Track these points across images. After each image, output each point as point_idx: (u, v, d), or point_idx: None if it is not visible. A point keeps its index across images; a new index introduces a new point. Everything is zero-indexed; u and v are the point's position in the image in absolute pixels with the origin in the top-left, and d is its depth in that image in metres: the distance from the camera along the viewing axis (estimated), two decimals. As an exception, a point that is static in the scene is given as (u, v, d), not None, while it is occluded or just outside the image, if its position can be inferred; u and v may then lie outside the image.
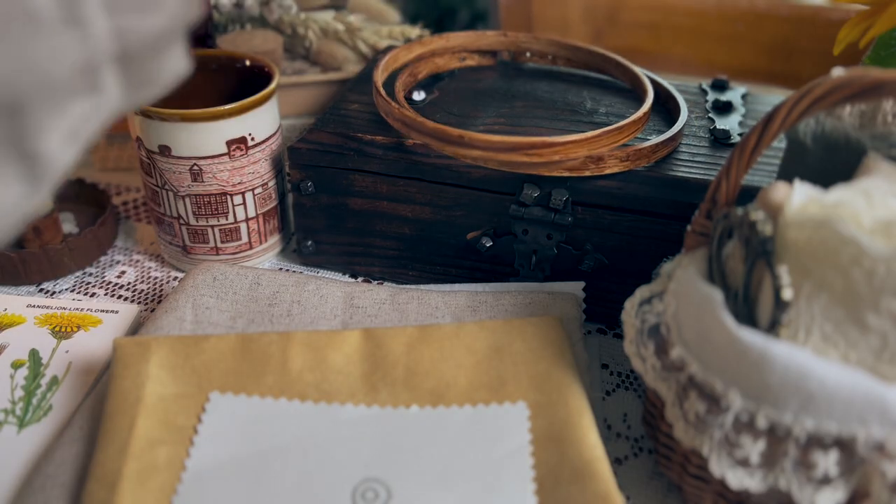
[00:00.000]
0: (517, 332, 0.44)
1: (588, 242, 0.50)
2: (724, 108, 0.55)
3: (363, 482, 0.37)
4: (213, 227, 0.54)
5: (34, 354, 0.48)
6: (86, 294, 0.55)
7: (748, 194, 0.43)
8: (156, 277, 0.57)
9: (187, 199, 0.53)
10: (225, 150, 0.51)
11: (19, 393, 0.45)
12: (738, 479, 0.33)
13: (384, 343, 0.43)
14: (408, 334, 0.44)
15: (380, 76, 0.53)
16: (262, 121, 0.52)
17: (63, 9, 0.22)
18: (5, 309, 0.51)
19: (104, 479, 0.37)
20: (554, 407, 0.40)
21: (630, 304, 0.40)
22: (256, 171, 0.53)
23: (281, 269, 0.57)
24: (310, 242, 0.56)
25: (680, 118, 0.51)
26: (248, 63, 0.57)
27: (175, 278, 0.57)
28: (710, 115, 0.55)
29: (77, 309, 0.51)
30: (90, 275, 0.57)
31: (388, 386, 0.42)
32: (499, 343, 0.43)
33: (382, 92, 0.51)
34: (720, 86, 0.58)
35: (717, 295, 0.34)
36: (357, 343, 0.44)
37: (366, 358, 0.43)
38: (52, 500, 0.37)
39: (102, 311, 0.51)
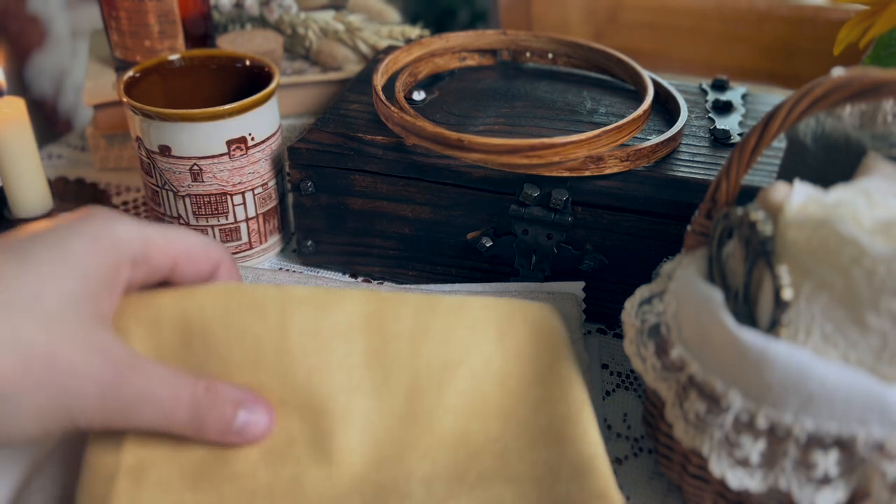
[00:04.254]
0: (520, 316, 0.42)
1: (588, 242, 0.50)
2: (724, 108, 0.55)
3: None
4: (213, 226, 0.54)
5: (34, 354, 0.47)
6: (86, 294, 0.55)
7: (748, 194, 0.43)
8: (156, 277, 0.57)
9: (187, 199, 0.53)
10: (225, 149, 0.51)
11: (19, 393, 0.45)
12: (738, 479, 0.33)
13: (388, 315, 0.40)
14: (414, 301, 0.41)
15: (379, 80, 0.53)
16: (262, 121, 0.52)
17: None
18: (5, 309, 0.51)
19: (100, 475, 0.36)
20: (555, 403, 0.40)
21: (630, 304, 0.40)
22: (256, 171, 0.53)
23: (281, 269, 0.57)
24: (310, 242, 0.56)
25: (680, 118, 0.51)
26: (248, 63, 0.57)
27: (175, 278, 0.57)
28: (710, 115, 0.55)
29: (77, 309, 0.51)
30: (90, 275, 0.57)
31: (392, 362, 0.40)
32: (502, 328, 0.42)
33: (382, 96, 0.51)
34: (720, 86, 0.58)
35: (717, 295, 0.34)
36: (360, 304, 0.40)
37: (369, 327, 0.40)
38: (51, 499, 0.37)
39: (102, 311, 0.51)
